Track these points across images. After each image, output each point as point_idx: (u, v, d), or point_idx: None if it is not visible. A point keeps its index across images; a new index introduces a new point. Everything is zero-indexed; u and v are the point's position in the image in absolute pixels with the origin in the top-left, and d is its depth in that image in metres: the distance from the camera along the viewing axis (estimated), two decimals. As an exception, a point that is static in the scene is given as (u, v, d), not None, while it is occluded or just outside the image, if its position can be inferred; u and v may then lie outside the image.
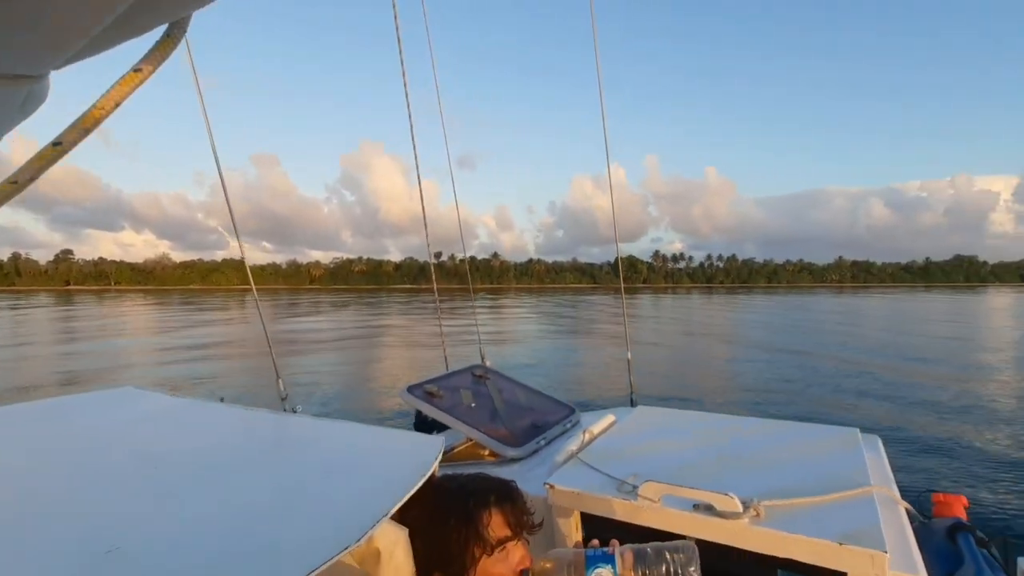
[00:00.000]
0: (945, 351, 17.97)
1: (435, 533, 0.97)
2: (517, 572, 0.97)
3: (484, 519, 0.96)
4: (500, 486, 1.03)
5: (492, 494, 1.00)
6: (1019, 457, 6.81)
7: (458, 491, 1.01)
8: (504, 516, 0.98)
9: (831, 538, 0.95)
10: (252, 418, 1.46)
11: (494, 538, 0.95)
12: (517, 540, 0.99)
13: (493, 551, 0.95)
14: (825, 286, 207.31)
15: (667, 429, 1.64)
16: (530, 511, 1.03)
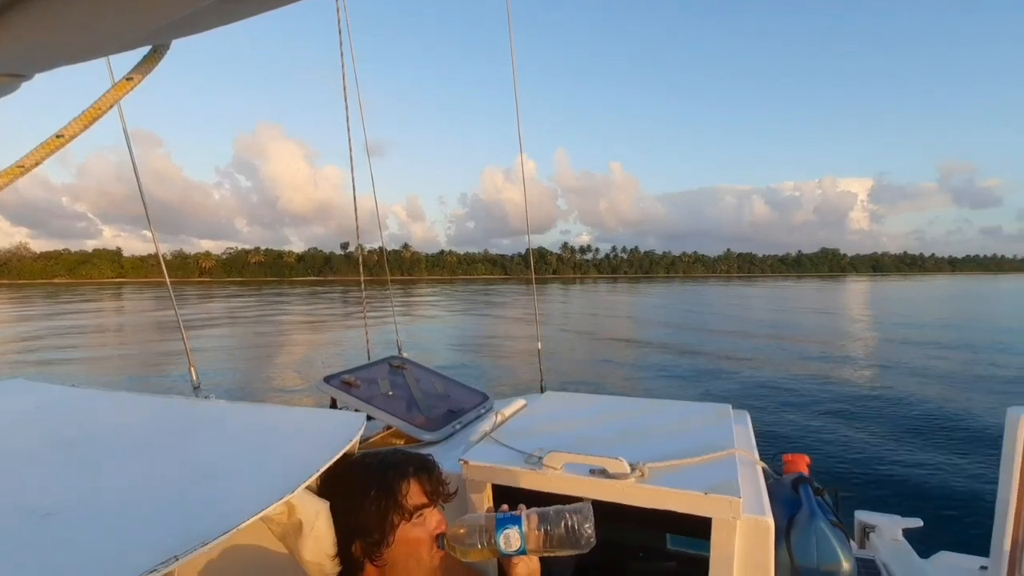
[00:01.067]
0: (810, 328, 20.59)
1: (356, 504, 1.03)
2: (433, 536, 1.06)
3: (403, 488, 1.04)
4: (418, 459, 1.13)
5: (410, 466, 1.09)
6: (855, 427, 8.10)
7: (379, 465, 1.09)
8: (421, 485, 1.07)
9: (699, 490, 1.15)
10: (166, 403, 1.43)
11: (411, 505, 1.04)
12: (433, 507, 1.09)
13: (411, 517, 1.04)
14: (716, 276, 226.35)
15: (570, 410, 1.81)
16: (445, 481, 1.14)
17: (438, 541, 1.07)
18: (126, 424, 1.27)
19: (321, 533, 1.02)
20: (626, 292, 60.17)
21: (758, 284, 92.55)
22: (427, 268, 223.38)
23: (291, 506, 0.98)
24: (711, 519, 1.15)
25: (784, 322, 25.27)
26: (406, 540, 1.04)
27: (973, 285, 79.85)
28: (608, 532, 2.01)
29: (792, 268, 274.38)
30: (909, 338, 18.44)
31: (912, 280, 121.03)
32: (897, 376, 12.06)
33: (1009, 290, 57.21)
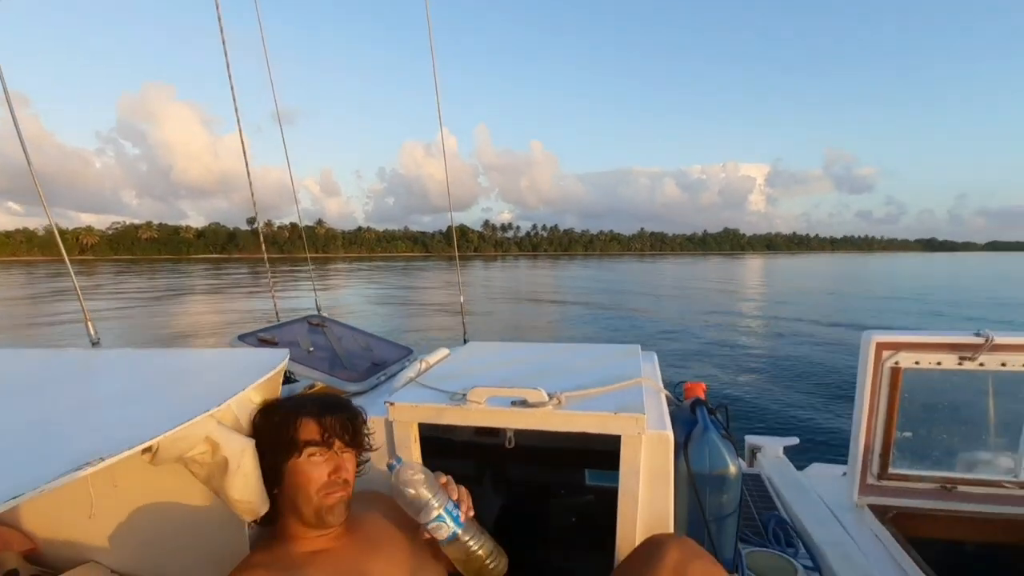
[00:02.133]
0: (711, 298, 22.59)
1: (259, 442, 1.03)
2: (332, 480, 1.04)
3: (295, 424, 1.03)
4: (320, 398, 1.11)
5: (309, 403, 1.08)
6: (748, 368, 9.33)
7: (280, 406, 1.08)
8: (318, 423, 1.05)
9: (609, 411, 1.26)
10: (62, 353, 1.33)
11: (301, 440, 1.03)
12: (329, 450, 1.06)
13: (301, 452, 1.03)
14: (630, 254, 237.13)
15: (492, 356, 1.88)
16: (356, 428, 1.12)
17: (341, 487, 1.06)
18: (16, 372, 1.16)
19: (248, 470, 1.00)
20: (548, 267, 61.63)
21: (669, 260, 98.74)
22: (344, 245, 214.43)
23: (214, 443, 0.96)
24: (620, 437, 1.26)
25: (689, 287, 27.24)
26: (294, 473, 1.03)
27: (847, 262, 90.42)
28: (532, 473, 2.14)
29: (699, 246, 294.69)
30: (791, 300, 20.93)
31: (798, 258, 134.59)
32: (781, 328, 14.04)
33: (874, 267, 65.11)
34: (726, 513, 1.35)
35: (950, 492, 1.60)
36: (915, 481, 1.62)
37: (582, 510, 2.03)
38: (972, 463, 1.61)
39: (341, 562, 1.04)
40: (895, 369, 1.55)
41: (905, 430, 1.61)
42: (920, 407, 1.60)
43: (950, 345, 1.51)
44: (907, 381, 1.56)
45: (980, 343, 1.46)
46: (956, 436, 1.61)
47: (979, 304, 20.74)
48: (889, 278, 38.96)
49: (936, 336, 1.52)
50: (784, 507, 1.74)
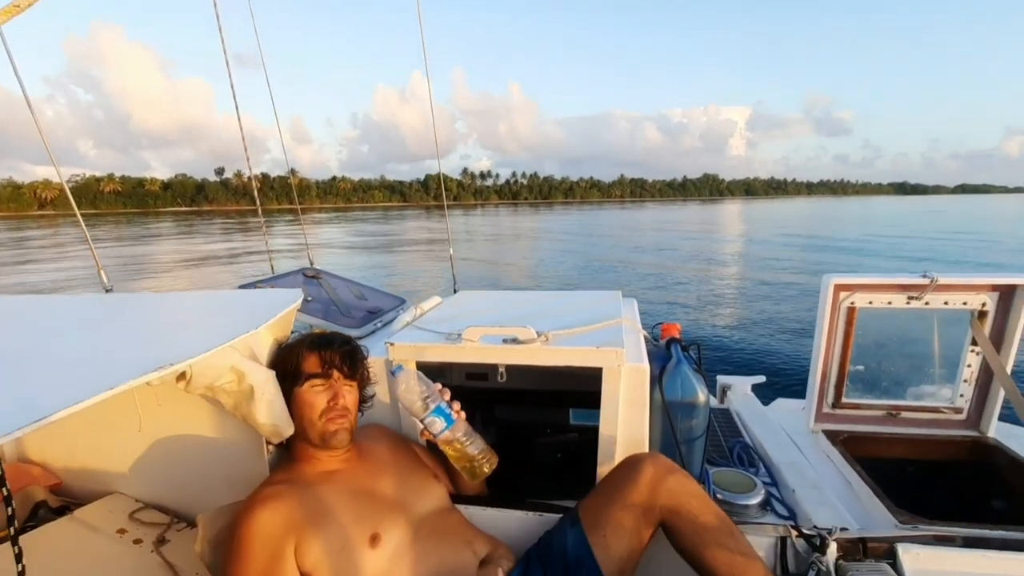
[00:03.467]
0: (688, 244, 23.01)
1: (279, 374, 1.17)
2: (331, 407, 1.17)
3: (298, 358, 1.18)
4: (322, 335, 1.26)
5: (311, 339, 1.22)
6: (721, 312, 9.80)
7: (287, 344, 1.24)
8: (319, 357, 1.19)
9: (591, 346, 1.39)
10: (82, 299, 1.40)
11: (304, 371, 1.17)
12: (329, 380, 1.19)
13: (303, 383, 1.17)
14: (611, 201, 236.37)
15: (483, 302, 1.99)
16: (354, 360, 1.25)
17: (343, 414, 1.20)
18: (40, 316, 1.23)
19: (272, 397, 1.12)
20: (529, 217, 61.41)
21: (648, 208, 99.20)
22: (319, 196, 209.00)
23: (240, 373, 1.06)
24: (601, 369, 1.40)
25: (668, 238, 27.65)
26: (299, 402, 1.17)
27: (822, 206, 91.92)
28: (520, 414, 2.30)
29: (679, 192, 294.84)
30: (762, 247, 21.57)
31: (775, 202, 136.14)
32: (751, 273, 14.66)
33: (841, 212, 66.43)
34: (695, 436, 1.52)
35: (895, 418, 1.79)
36: (865, 409, 1.81)
37: (566, 447, 2.21)
38: (915, 392, 1.80)
39: (351, 481, 1.18)
40: (851, 308, 1.70)
41: (858, 364, 1.79)
42: (872, 343, 1.77)
43: (900, 286, 1.66)
44: (861, 319, 1.72)
45: (926, 283, 1.62)
46: (902, 368, 1.80)
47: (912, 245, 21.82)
48: (845, 223, 40.18)
49: (887, 278, 1.66)
50: (748, 435, 1.93)
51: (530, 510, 1.40)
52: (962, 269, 1.65)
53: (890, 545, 1.20)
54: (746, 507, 1.52)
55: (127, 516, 1.42)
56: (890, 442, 1.77)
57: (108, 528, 1.36)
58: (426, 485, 1.29)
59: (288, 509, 1.04)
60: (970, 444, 1.73)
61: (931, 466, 1.75)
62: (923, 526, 1.31)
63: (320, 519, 1.05)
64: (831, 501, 1.46)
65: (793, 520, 1.50)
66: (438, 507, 1.25)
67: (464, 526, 1.25)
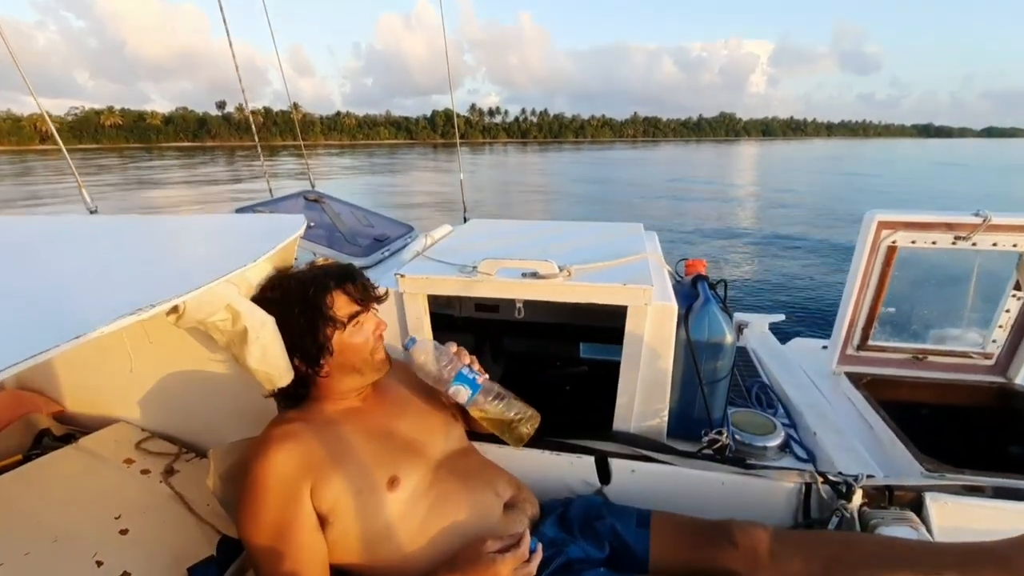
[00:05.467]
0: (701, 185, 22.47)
1: (286, 322, 1.04)
2: (376, 336, 1.12)
3: (328, 302, 1.05)
4: (337, 269, 1.12)
5: (331, 279, 1.08)
6: (742, 250, 9.66)
7: (298, 284, 1.07)
8: (347, 295, 1.08)
9: (618, 283, 1.30)
10: (65, 219, 1.31)
11: (343, 316, 1.06)
12: (366, 311, 1.12)
13: (346, 327, 1.07)
14: (622, 140, 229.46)
15: (496, 232, 1.88)
16: (372, 284, 1.15)
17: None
18: (18, 238, 1.15)
19: (267, 342, 1.02)
20: (538, 157, 59.97)
21: (661, 148, 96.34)
22: (323, 132, 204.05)
23: (235, 312, 0.97)
24: (627, 308, 1.31)
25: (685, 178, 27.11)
26: (347, 347, 1.08)
27: (840, 149, 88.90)
28: (531, 347, 2.25)
29: (693, 132, 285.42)
30: (781, 192, 20.89)
31: (793, 144, 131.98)
32: (772, 216, 14.27)
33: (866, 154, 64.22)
34: (720, 377, 1.45)
35: (920, 361, 1.72)
36: (891, 352, 1.74)
37: (576, 380, 2.17)
38: (944, 337, 1.72)
39: (369, 421, 1.12)
40: (891, 248, 1.59)
41: (890, 306, 1.69)
42: (908, 284, 1.66)
43: (947, 224, 1.53)
44: (900, 259, 1.61)
45: (977, 223, 1.49)
46: (936, 312, 1.70)
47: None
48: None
49: (935, 216, 1.54)
50: (767, 374, 1.87)
51: (548, 449, 1.36)
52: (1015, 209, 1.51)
53: (917, 494, 1.15)
54: (765, 449, 1.48)
55: (133, 446, 1.40)
56: (912, 386, 1.71)
57: (115, 457, 1.34)
58: (445, 424, 1.23)
59: (304, 449, 0.99)
60: (996, 390, 1.66)
61: (952, 411, 1.69)
62: (950, 474, 1.26)
63: (337, 461, 1.00)
64: (853, 445, 1.42)
65: (813, 463, 1.46)
66: (458, 448, 1.20)
67: (485, 467, 1.20)
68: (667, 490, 1.30)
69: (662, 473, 1.30)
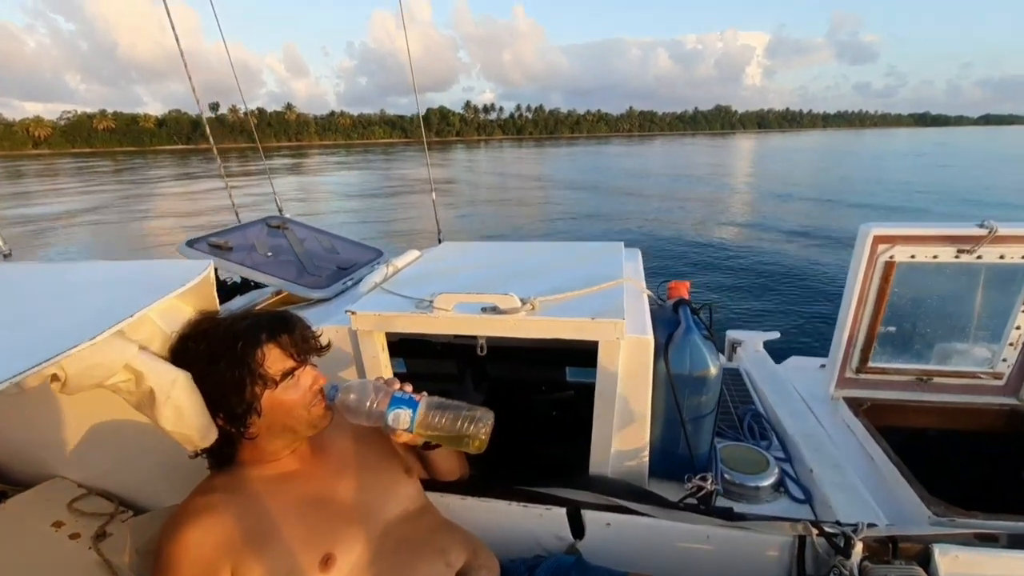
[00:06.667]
0: (697, 185, 22.12)
1: (210, 376, 0.92)
2: (314, 391, 0.99)
3: (258, 357, 0.93)
4: (272, 319, 1.00)
5: (263, 331, 0.96)
6: (733, 262, 9.37)
7: (226, 333, 0.95)
8: (282, 348, 0.97)
9: (586, 316, 1.18)
10: None
11: (276, 372, 0.94)
12: (303, 366, 1.00)
13: (278, 384, 0.95)
14: (618, 135, 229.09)
15: (466, 257, 1.76)
16: (312, 335, 1.03)
17: (325, 395, 1.01)
18: None
19: (181, 402, 0.90)
20: (534, 155, 59.61)
21: (657, 142, 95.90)
22: (317, 132, 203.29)
23: (136, 372, 0.86)
24: (598, 342, 1.19)
25: (679, 178, 26.80)
26: (279, 405, 0.95)
27: (837, 140, 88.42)
28: (514, 371, 2.13)
29: (688, 125, 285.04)
30: (779, 191, 20.47)
31: (788, 136, 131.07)
32: (767, 221, 13.70)
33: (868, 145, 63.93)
34: (704, 413, 1.33)
35: (925, 383, 1.60)
36: (892, 374, 1.62)
37: (563, 405, 2.06)
38: (951, 355, 1.60)
39: (306, 484, 1.00)
40: (889, 263, 1.47)
41: (890, 324, 1.57)
42: (908, 301, 1.55)
43: (950, 237, 1.42)
44: (899, 275, 1.49)
45: (983, 235, 1.37)
46: (940, 329, 1.58)
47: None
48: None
49: (936, 228, 1.42)
50: (760, 400, 1.76)
51: (515, 500, 1.24)
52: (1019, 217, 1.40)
53: (924, 546, 1.04)
54: (757, 489, 1.36)
55: (66, 505, 1.27)
56: (917, 411, 1.60)
57: (44, 520, 1.22)
58: (394, 482, 1.11)
59: (224, 527, 0.87)
60: (1008, 413, 1.55)
61: (961, 437, 1.58)
62: (960, 519, 1.15)
63: (263, 539, 0.88)
64: (853, 484, 1.30)
65: (810, 504, 1.34)
66: (408, 509, 1.08)
67: (438, 530, 1.08)
68: (646, 546, 1.18)
69: (641, 526, 1.18)
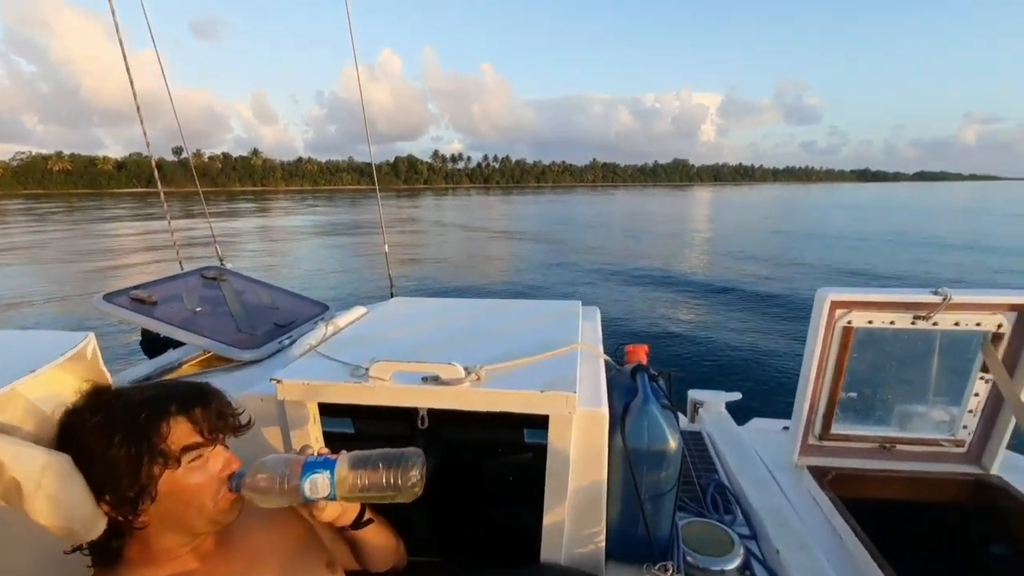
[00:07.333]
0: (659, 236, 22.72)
1: (100, 453, 0.79)
2: (223, 478, 0.86)
3: (162, 430, 0.81)
4: (185, 390, 0.88)
5: (173, 402, 0.84)
6: (695, 320, 9.39)
7: (128, 404, 0.83)
8: (192, 423, 0.84)
9: (536, 388, 1.08)
10: None
11: (178, 448, 0.82)
12: (213, 445, 0.87)
13: (181, 462, 0.82)
14: (583, 185, 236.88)
15: (414, 316, 1.66)
16: (232, 412, 0.91)
17: (229, 483, 0.87)
18: None
19: (55, 491, 0.76)
20: (500, 203, 60.61)
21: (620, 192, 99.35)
22: (284, 178, 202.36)
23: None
24: (548, 416, 1.10)
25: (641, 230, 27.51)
26: (179, 490, 0.82)
27: (789, 193, 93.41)
28: (467, 433, 2.00)
29: (649, 177, 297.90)
30: (738, 243, 21.14)
31: (743, 188, 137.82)
32: (728, 276, 13.83)
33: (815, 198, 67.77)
34: (664, 490, 1.23)
35: (888, 451, 1.56)
36: (855, 441, 1.57)
37: (520, 468, 1.93)
38: (912, 421, 1.57)
39: None
40: (847, 328, 1.44)
41: (851, 390, 1.54)
42: (867, 366, 1.52)
43: (906, 304, 1.40)
44: (857, 340, 1.46)
45: (937, 302, 1.36)
46: (899, 395, 1.56)
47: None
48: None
49: (892, 295, 1.41)
50: (724, 468, 1.68)
51: None
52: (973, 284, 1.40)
53: None
54: (722, 573, 1.25)
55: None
56: (882, 481, 1.54)
57: None
58: (315, 570, 0.96)
59: None
60: (973, 484, 1.51)
61: (926, 508, 1.52)
62: None
63: None
64: (822, 569, 1.21)
65: (777, 588, 1.24)
66: None
67: None
68: None
69: None
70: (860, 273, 13.67)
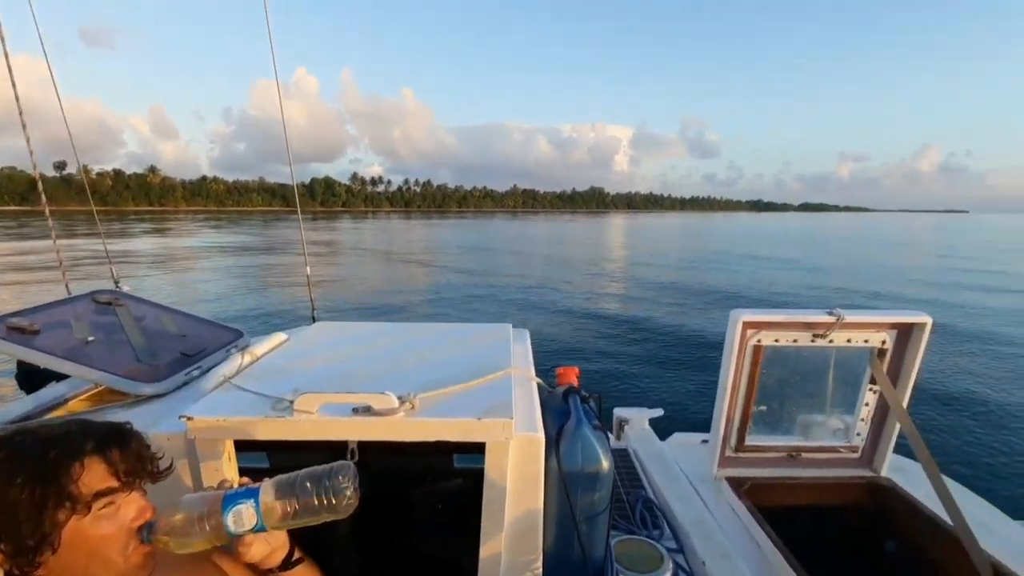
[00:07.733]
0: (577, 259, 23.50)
1: (1, 496, 0.69)
2: (134, 529, 0.77)
3: (73, 472, 0.72)
4: (104, 429, 0.79)
5: (89, 440, 0.76)
6: (618, 339, 9.73)
7: (36, 441, 0.74)
8: (108, 465, 0.76)
9: (473, 416, 1.07)
10: None
11: (88, 493, 0.73)
12: (129, 491, 0.78)
13: (91, 508, 0.73)
14: (503, 210, 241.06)
15: (339, 342, 1.59)
16: (151, 456, 0.82)
17: (140, 534, 0.77)
18: None
19: None
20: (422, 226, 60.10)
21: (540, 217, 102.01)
22: (185, 197, 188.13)
23: None
24: (484, 444, 1.08)
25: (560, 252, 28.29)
26: (83, 540, 0.72)
27: (695, 221, 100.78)
28: (393, 461, 1.92)
29: (568, 204, 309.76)
30: (654, 267, 22.38)
31: (654, 216, 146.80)
32: (646, 297, 14.51)
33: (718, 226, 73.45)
34: (598, 511, 1.25)
35: (795, 459, 1.68)
36: (766, 451, 1.69)
37: (450, 495, 1.88)
38: (814, 431, 1.71)
39: None
40: (757, 347, 1.56)
41: (762, 404, 1.65)
42: (775, 381, 1.64)
43: (806, 324, 1.55)
44: (766, 357, 1.59)
45: (832, 321, 1.51)
46: (803, 407, 1.70)
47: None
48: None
49: (795, 315, 1.55)
50: (650, 483, 1.74)
51: None
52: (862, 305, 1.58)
53: None
54: (655, 589, 1.29)
55: None
56: (791, 488, 1.67)
57: None
58: None
59: None
60: (867, 486, 1.67)
61: (830, 511, 1.67)
62: None
63: None
64: None
65: (705, 600, 1.29)
66: None
67: None
68: None
69: None
70: (762, 295, 14.88)
